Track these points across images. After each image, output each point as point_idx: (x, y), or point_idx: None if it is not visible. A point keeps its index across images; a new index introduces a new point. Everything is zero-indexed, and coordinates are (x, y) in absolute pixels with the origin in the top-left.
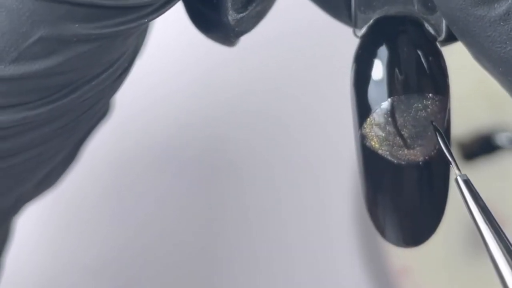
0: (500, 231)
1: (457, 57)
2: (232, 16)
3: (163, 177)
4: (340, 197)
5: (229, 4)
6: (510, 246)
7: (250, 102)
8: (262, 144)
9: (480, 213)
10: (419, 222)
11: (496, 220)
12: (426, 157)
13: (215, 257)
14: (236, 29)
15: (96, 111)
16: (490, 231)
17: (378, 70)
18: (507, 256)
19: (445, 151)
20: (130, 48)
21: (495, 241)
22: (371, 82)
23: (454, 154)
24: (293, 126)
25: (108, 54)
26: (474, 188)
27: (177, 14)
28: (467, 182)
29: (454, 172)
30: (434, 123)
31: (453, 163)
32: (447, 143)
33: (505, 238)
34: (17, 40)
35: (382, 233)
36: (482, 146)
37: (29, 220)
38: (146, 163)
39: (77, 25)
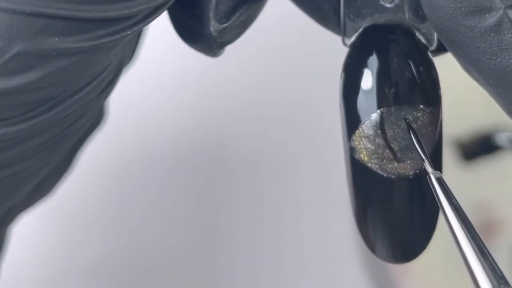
0: (473, 230)
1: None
2: (214, 27)
3: (161, 178)
4: (340, 197)
5: (211, 14)
6: (483, 246)
7: (249, 102)
8: (262, 144)
9: (453, 211)
10: (410, 237)
11: (469, 219)
12: (417, 171)
13: (214, 257)
14: (219, 40)
15: (82, 123)
16: (463, 229)
17: (368, 80)
18: (479, 255)
19: (417, 147)
20: (115, 60)
21: (467, 240)
22: (360, 92)
23: (452, 155)
24: (293, 126)
25: (90, 68)
26: (447, 186)
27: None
28: (440, 180)
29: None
30: (407, 120)
31: (425, 159)
32: (419, 139)
33: (478, 238)
34: None
35: (372, 248)
36: (482, 146)
37: (27, 221)
38: (144, 164)
39: (56, 39)
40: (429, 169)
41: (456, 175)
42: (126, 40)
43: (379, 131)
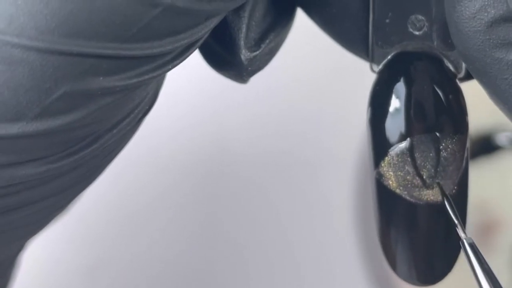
0: None
1: None
2: (245, 56)
3: (161, 177)
4: (341, 199)
5: (242, 42)
6: None
7: (251, 102)
8: (262, 144)
9: (485, 277)
10: (434, 261)
11: (500, 284)
12: (446, 197)
13: (214, 257)
14: (249, 68)
15: (115, 154)
16: None
17: (396, 108)
18: None
19: (451, 214)
20: (151, 91)
21: None
22: (388, 119)
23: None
24: (293, 126)
25: (131, 102)
26: (479, 251)
27: None
28: (472, 246)
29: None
30: (440, 184)
31: (458, 226)
32: (453, 206)
33: None
34: (40, 97)
35: (394, 267)
36: (482, 146)
37: None
38: (145, 164)
39: (101, 78)
40: (462, 234)
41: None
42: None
43: (408, 159)
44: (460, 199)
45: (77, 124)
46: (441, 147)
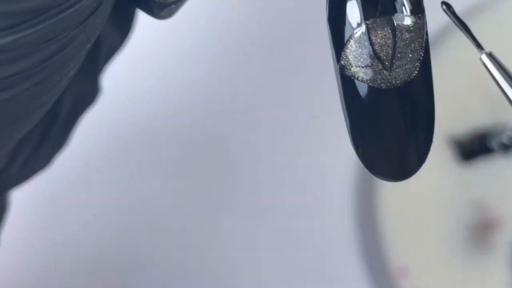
0: None
1: (456, 57)
2: None
3: (162, 177)
4: (339, 196)
5: None
6: None
7: (250, 100)
8: (262, 143)
9: (508, 83)
10: (406, 151)
11: None
12: (407, 78)
13: (213, 255)
14: (157, 1)
15: (66, 60)
16: None
17: (350, 1)
18: None
19: (457, 25)
20: None
21: None
22: (346, 12)
23: (451, 154)
24: (292, 125)
25: None
26: (498, 60)
27: (175, 17)
28: (491, 55)
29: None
30: (444, 3)
31: (470, 39)
32: (460, 19)
33: None
34: None
35: (370, 167)
36: (480, 146)
37: (27, 221)
38: (145, 163)
39: None
40: (475, 46)
41: (454, 174)
42: None
43: (366, 43)
44: (424, 84)
45: None
46: (397, 28)
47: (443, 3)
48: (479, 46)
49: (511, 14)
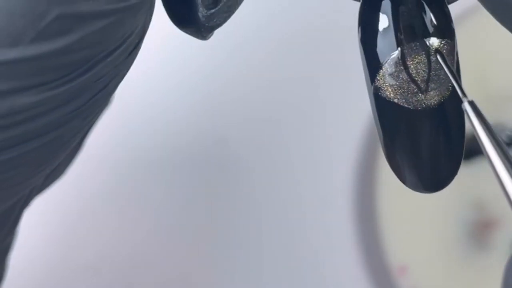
0: (508, 152)
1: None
2: (202, 13)
3: (162, 178)
4: (339, 196)
5: (199, 1)
6: None
7: (250, 100)
8: (261, 143)
9: (486, 134)
10: (438, 166)
11: (503, 142)
12: (441, 99)
13: (215, 256)
14: (207, 24)
15: (109, 91)
16: (497, 152)
17: (384, 23)
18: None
19: (446, 69)
20: (140, 23)
21: (502, 162)
22: (378, 35)
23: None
24: (292, 124)
25: (121, 29)
26: (479, 110)
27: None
28: (473, 104)
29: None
30: (438, 52)
31: (454, 83)
32: (450, 66)
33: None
34: (34, 21)
35: (403, 180)
36: (479, 145)
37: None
38: (145, 163)
39: (91, 1)
40: (460, 93)
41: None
42: (150, 3)
43: (401, 67)
44: (454, 99)
45: (72, 47)
46: (431, 52)
47: (436, 51)
48: (464, 94)
49: None
